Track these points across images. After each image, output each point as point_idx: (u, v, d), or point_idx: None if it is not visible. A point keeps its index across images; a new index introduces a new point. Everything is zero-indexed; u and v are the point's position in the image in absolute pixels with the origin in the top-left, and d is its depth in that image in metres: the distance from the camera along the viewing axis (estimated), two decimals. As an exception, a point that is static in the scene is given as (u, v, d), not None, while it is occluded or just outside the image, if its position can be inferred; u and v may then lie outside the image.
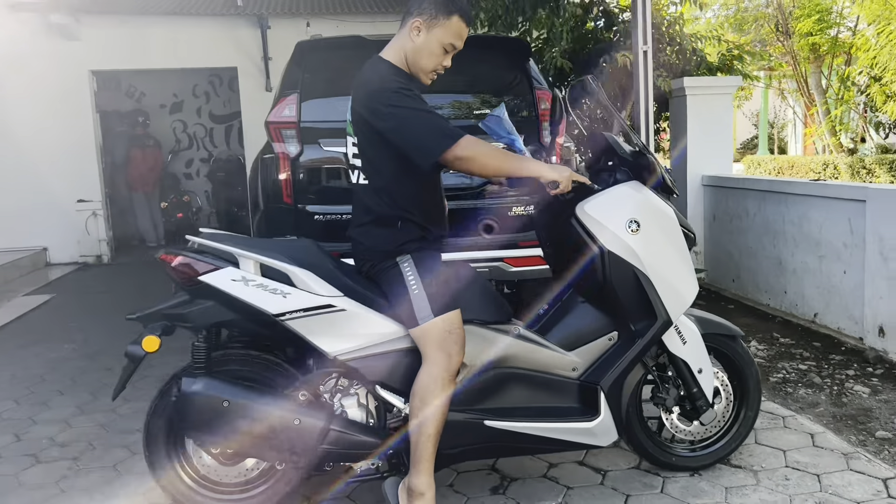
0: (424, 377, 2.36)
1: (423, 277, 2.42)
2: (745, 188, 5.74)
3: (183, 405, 2.37)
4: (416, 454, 2.36)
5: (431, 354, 2.37)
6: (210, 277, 2.39)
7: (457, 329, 2.40)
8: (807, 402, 3.61)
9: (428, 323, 2.37)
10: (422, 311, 2.38)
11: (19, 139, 8.78)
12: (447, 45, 2.44)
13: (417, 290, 2.40)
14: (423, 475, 2.36)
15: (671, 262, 2.63)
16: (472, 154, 2.31)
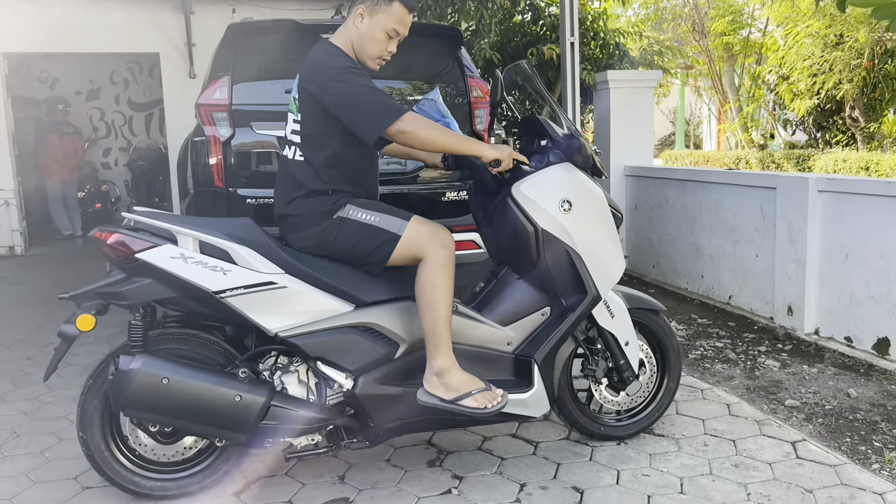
0: (426, 271, 2.47)
1: (371, 206, 2.55)
2: (665, 178, 5.99)
3: (120, 383, 2.35)
4: (435, 339, 2.45)
5: (428, 248, 2.48)
6: (147, 255, 2.37)
7: (433, 224, 2.54)
8: (723, 375, 3.82)
9: (407, 227, 2.49)
10: (394, 226, 2.49)
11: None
12: (390, 31, 2.51)
13: (377, 217, 2.51)
14: (444, 355, 2.47)
15: (601, 240, 2.75)
16: (414, 128, 2.39)
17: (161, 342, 2.52)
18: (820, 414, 3.30)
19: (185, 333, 2.57)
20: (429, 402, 2.48)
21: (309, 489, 2.67)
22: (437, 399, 2.47)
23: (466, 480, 2.71)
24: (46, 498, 2.65)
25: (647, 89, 6.58)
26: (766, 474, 2.70)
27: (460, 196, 4.28)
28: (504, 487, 2.65)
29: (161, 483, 2.57)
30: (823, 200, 4.21)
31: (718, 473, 2.71)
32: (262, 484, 2.72)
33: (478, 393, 2.48)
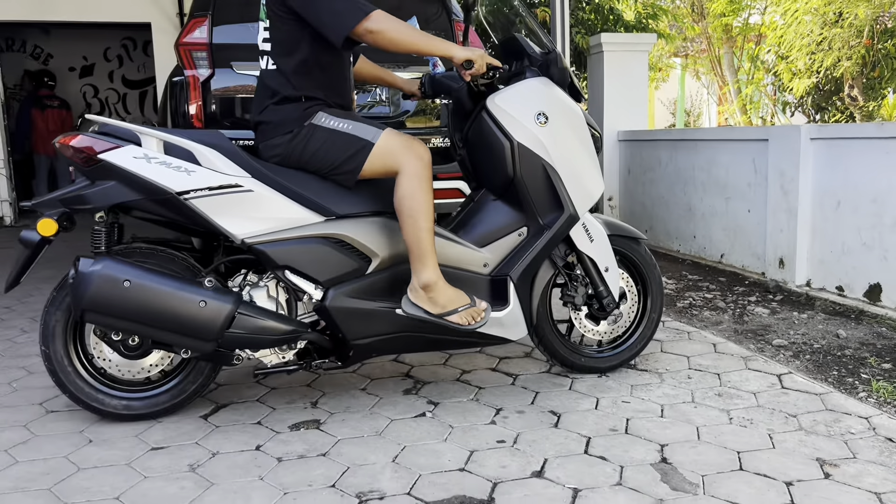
0: (404, 182, 2.39)
1: (344, 115, 2.48)
2: (658, 139, 5.90)
3: (80, 285, 2.27)
4: (419, 251, 2.39)
5: (403, 159, 2.40)
6: (110, 155, 2.29)
7: (405, 135, 2.47)
8: (710, 321, 3.75)
9: (381, 137, 2.42)
10: (368, 133, 2.43)
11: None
12: None
13: (350, 126, 2.44)
14: (430, 268, 2.41)
15: (578, 157, 2.68)
16: (383, 28, 2.30)
17: (127, 255, 2.44)
18: (808, 352, 3.23)
19: (151, 248, 2.50)
20: (414, 313, 2.43)
21: (280, 412, 2.59)
22: (422, 311, 2.43)
23: (442, 405, 2.64)
24: (8, 419, 2.57)
25: (642, 53, 6.49)
26: (749, 402, 2.62)
27: (445, 143, 4.20)
28: (480, 412, 2.58)
29: (126, 402, 2.49)
30: (816, 148, 4.13)
31: (701, 401, 2.64)
32: (232, 408, 2.64)
33: (464, 309, 2.46)
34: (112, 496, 2.02)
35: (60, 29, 11.60)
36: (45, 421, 2.55)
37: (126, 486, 2.07)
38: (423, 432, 2.41)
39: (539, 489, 2.02)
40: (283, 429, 2.46)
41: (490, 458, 2.22)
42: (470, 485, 2.05)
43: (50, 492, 2.05)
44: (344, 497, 1.99)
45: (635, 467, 2.14)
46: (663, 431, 2.38)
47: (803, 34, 10.49)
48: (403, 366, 3.08)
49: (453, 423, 2.48)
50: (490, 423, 2.47)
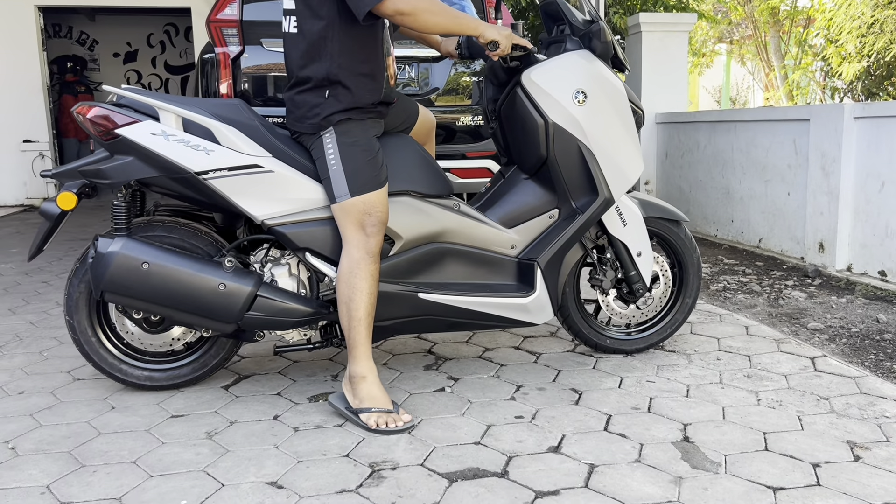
0: (345, 261, 2.28)
1: (343, 154, 2.30)
2: (697, 121, 5.76)
3: (98, 266, 2.27)
4: (350, 341, 2.29)
5: (349, 235, 2.28)
6: (128, 130, 2.27)
7: (376, 209, 2.29)
8: (744, 304, 3.65)
9: (345, 201, 2.27)
10: (339, 189, 2.28)
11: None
12: None
13: (336, 168, 2.29)
14: (361, 360, 2.29)
15: (617, 138, 2.59)
16: (413, 8, 2.18)
17: (148, 229, 2.44)
18: (844, 335, 3.12)
19: (174, 222, 2.50)
20: (339, 404, 2.31)
21: (300, 385, 2.59)
22: (344, 402, 2.31)
23: (462, 381, 2.61)
24: (36, 385, 2.62)
25: (681, 33, 6.34)
26: (780, 384, 2.54)
27: (475, 122, 4.15)
28: (500, 388, 2.54)
29: (148, 373, 2.52)
30: (860, 128, 3.98)
31: (729, 382, 2.56)
32: (254, 379, 2.65)
33: (378, 412, 2.22)
34: (129, 460, 2.04)
35: (105, 15, 11.83)
36: (70, 388, 2.59)
37: (144, 451, 2.09)
38: (441, 406, 2.39)
39: (555, 464, 1.98)
40: (301, 400, 2.46)
41: (507, 432, 2.18)
42: (484, 458, 2.02)
43: (70, 454, 2.08)
44: (357, 466, 1.98)
45: (655, 445, 2.09)
46: (687, 411, 2.32)
47: (854, 16, 10.15)
48: (426, 342, 3.05)
49: (472, 399, 2.45)
50: (509, 399, 2.44)
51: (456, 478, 1.91)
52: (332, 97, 2.32)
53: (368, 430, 2.20)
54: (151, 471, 1.97)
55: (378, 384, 2.29)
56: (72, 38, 12.06)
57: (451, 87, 4.21)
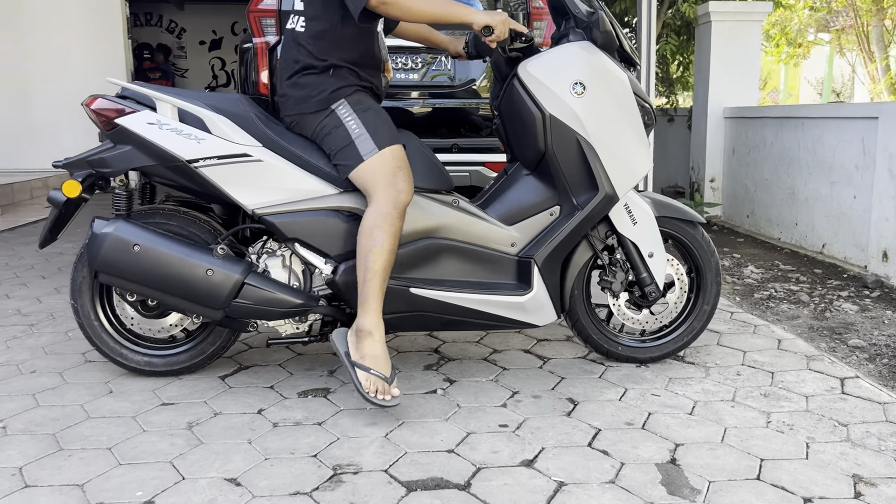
0: (371, 215, 2.26)
1: (363, 117, 2.33)
2: (764, 116, 5.45)
3: (93, 245, 2.34)
4: (363, 293, 2.27)
5: (379, 189, 2.27)
6: (126, 120, 2.33)
7: (404, 164, 2.31)
8: (786, 315, 3.41)
9: (374, 157, 2.28)
10: (366, 147, 2.30)
11: (49, 60, 8.91)
12: None
13: (359, 129, 2.32)
14: (371, 314, 2.27)
15: (619, 131, 2.46)
16: None
17: (149, 216, 2.49)
18: (887, 355, 2.87)
19: (175, 210, 2.53)
20: (339, 346, 2.28)
21: (295, 378, 2.58)
22: (345, 348, 2.28)
23: (458, 384, 2.54)
24: (49, 365, 2.71)
25: (755, 23, 6.00)
26: (797, 405, 2.35)
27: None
28: (494, 393, 2.46)
29: (148, 358, 2.56)
30: (931, 128, 3.65)
31: (741, 401, 2.39)
32: (253, 370, 2.66)
33: (375, 375, 2.21)
34: (106, 446, 2.07)
35: (193, 4, 12.24)
36: (79, 370, 2.67)
37: (122, 438, 2.12)
38: (429, 409, 2.32)
39: (522, 479, 1.89)
40: (291, 395, 2.44)
41: (485, 441, 2.10)
42: (453, 467, 1.95)
43: (53, 437, 2.13)
44: (320, 467, 1.95)
45: (637, 466, 1.96)
46: (684, 430, 2.18)
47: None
48: (434, 341, 2.99)
49: (462, 403, 2.38)
50: (500, 406, 2.35)
51: (415, 487, 1.85)
52: (337, 76, 2.37)
53: (360, 393, 2.20)
54: (122, 459, 2.00)
55: (382, 344, 2.27)
56: (161, 27, 12.56)
57: (487, 79, 4.10)
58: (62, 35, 8.90)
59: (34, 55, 8.90)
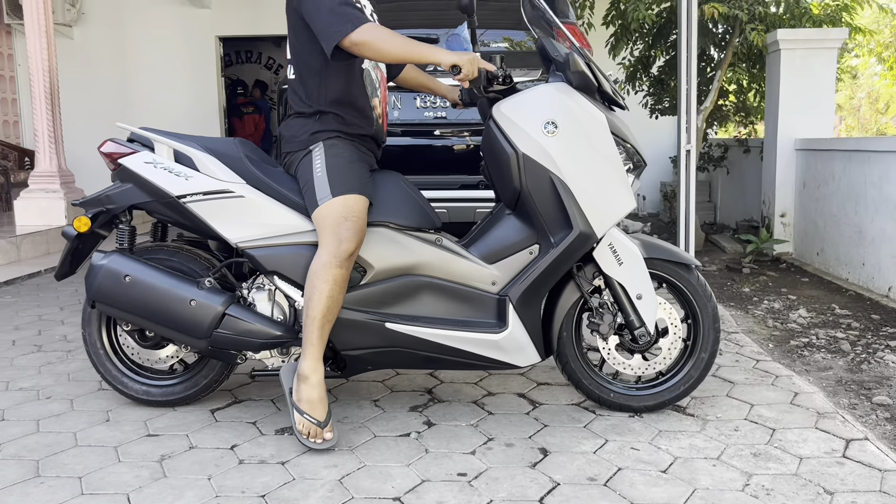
0: (315, 261, 2.34)
1: (329, 162, 2.41)
2: (833, 149, 5.13)
3: (90, 276, 2.51)
4: (304, 338, 2.35)
5: (324, 238, 2.34)
6: (127, 160, 2.51)
7: (354, 215, 2.34)
8: (818, 365, 3.18)
9: (325, 203, 2.35)
10: (322, 192, 2.37)
11: (150, 98, 9.56)
12: None
13: (321, 174, 2.40)
14: (308, 359, 2.34)
15: (595, 169, 2.41)
16: (368, 39, 2.27)
17: (154, 252, 2.64)
18: (913, 416, 2.62)
19: (179, 247, 2.67)
20: (285, 383, 2.39)
21: (280, 415, 2.64)
22: (290, 384, 2.37)
23: (435, 428, 2.52)
24: (64, 391, 2.89)
25: (828, 50, 5.70)
26: (786, 468, 2.18)
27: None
28: (469, 439, 2.42)
29: (146, 388, 2.69)
30: None
31: (727, 459, 2.25)
32: (245, 404, 2.74)
33: (307, 419, 2.30)
34: (78, 475, 2.18)
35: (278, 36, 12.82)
36: (89, 398, 2.83)
37: (96, 468, 2.23)
38: (394, 453, 2.32)
39: (454, 533, 1.85)
40: (269, 431, 2.50)
41: (434, 490, 2.07)
42: (391, 516, 1.93)
43: (36, 463, 2.27)
44: (263, 509, 1.98)
45: (579, 526, 1.88)
46: (648, 489, 2.07)
47: None
48: (432, 381, 2.98)
49: (431, 448, 2.35)
50: (468, 453, 2.31)
51: (344, 534, 1.85)
52: (322, 121, 2.48)
53: (296, 433, 2.32)
54: (87, 489, 2.10)
55: (318, 388, 2.33)
56: (260, 63, 13.20)
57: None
58: (162, 74, 9.54)
59: (136, 93, 9.58)
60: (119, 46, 9.57)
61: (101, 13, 9.52)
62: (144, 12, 9.47)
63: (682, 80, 4.14)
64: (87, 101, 9.48)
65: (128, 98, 9.60)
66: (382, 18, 4.12)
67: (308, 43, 2.43)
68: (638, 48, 7.00)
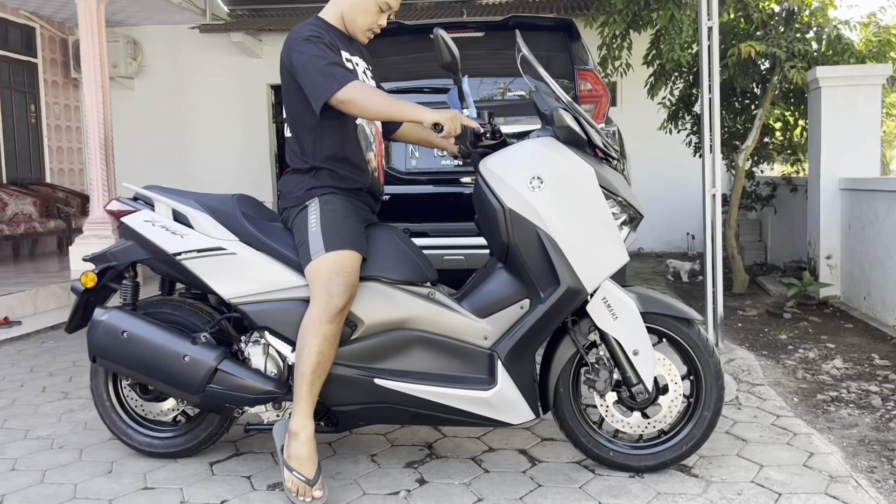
0: (306, 317, 2.37)
1: (324, 218, 2.45)
2: (876, 189, 4.93)
3: (91, 332, 2.59)
4: (295, 394, 2.37)
5: (315, 293, 2.36)
6: (128, 219, 2.61)
7: (345, 271, 2.36)
8: (842, 422, 3.01)
9: (318, 258, 2.37)
10: (315, 247, 2.40)
11: (205, 144, 9.91)
12: (382, 5, 2.52)
13: (315, 229, 2.43)
14: (298, 415, 2.36)
15: (583, 223, 2.38)
16: (353, 97, 2.32)
17: (158, 306, 2.71)
18: (936, 481, 2.45)
19: (182, 301, 2.73)
20: (277, 441, 2.42)
21: (277, 469, 2.64)
22: (282, 441, 2.39)
23: (427, 486, 2.48)
24: (78, 442, 2.96)
25: (872, 87, 5.51)
26: (786, 538, 2.07)
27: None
28: (458, 499, 2.37)
29: (149, 440, 2.74)
30: None
31: (723, 527, 2.14)
32: (244, 457, 2.76)
33: (296, 476, 2.31)
34: (68, 528, 2.23)
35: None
36: (98, 448, 2.90)
37: (86, 521, 2.27)
38: (379, 512, 2.29)
39: None
40: (261, 486, 2.51)
41: (410, 554, 2.03)
42: (360, 581, 1.90)
43: (32, 515, 2.33)
44: (235, 570, 1.98)
45: None
46: (631, 558, 1.98)
47: None
48: (434, 434, 2.95)
49: (417, 508, 2.32)
50: (454, 514, 2.27)
51: None
52: (317, 178, 2.53)
53: (285, 490, 2.33)
54: (73, 543, 2.14)
55: (308, 445, 2.34)
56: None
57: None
58: (216, 121, 9.90)
59: (192, 140, 9.95)
60: (176, 96, 9.98)
61: (160, 65, 9.97)
62: (199, 63, 9.88)
63: (705, 123, 4.05)
64: (147, 148, 9.91)
65: (184, 144, 9.98)
66: (395, 70, 4.20)
67: (301, 101, 2.49)
68: (678, 87, 6.90)
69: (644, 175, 9.06)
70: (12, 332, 5.09)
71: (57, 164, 9.77)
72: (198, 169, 9.83)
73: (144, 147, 9.91)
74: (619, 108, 9.39)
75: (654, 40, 6.78)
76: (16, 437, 3.04)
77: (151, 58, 10.01)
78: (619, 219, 2.45)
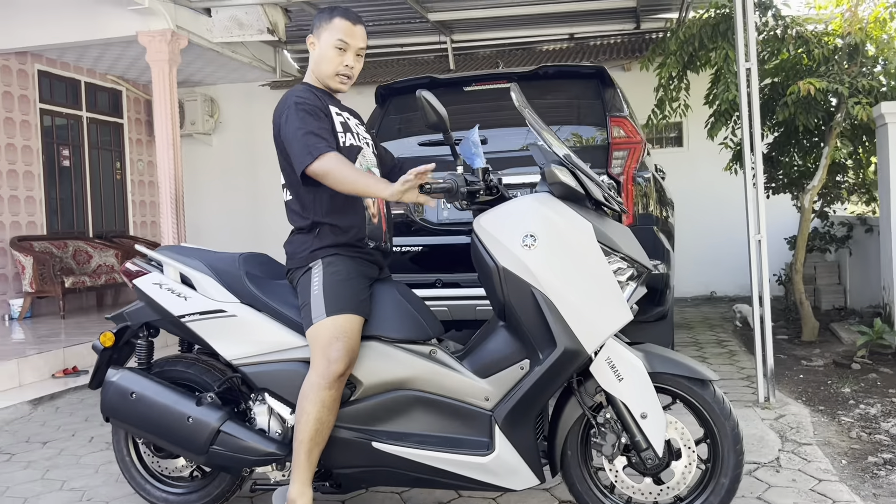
0: (304, 382, 2.36)
1: (326, 280, 2.44)
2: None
3: (103, 392, 2.67)
4: (293, 460, 2.36)
5: (315, 358, 2.36)
6: (138, 281, 2.68)
7: (346, 335, 2.35)
8: (891, 489, 2.76)
9: (319, 322, 2.37)
10: (317, 311, 2.40)
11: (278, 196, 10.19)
12: (337, 43, 2.52)
13: (318, 292, 2.43)
14: (296, 483, 2.34)
15: (581, 281, 2.28)
16: (325, 171, 2.35)
17: (172, 363, 2.77)
18: None
19: (196, 358, 2.79)
20: None
21: (284, 527, 2.63)
22: None
23: (428, 549, 2.42)
24: (106, 494, 3.05)
25: (943, 121, 5.16)
26: None
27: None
28: (456, 565, 2.30)
29: (166, 495, 2.79)
30: None
31: None
32: (256, 515, 2.77)
33: None
34: (72, 585, 2.28)
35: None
36: (124, 501, 2.97)
37: (91, 578, 2.32)
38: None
39: None
40: (265, 546, 2.50)
41: None
42: None
43: (42, 570, 2.39)
44: None
45: None
46: None
47: None
48: (449, 494, 2.87)
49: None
50: (448, 582, 2.19)
51: None
52: (320, 237, 2.53)
53: None
54: None
55: None
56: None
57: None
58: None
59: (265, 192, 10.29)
60: (251, 150, 10.37)
61: (236, 121, 10.41)
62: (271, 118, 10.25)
63: (748, 164, 3.90)
64: (223, 201, 10.31)
65: (256, 197, 10.32)
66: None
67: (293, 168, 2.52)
68: (739, 127, 6.68)
69: (715, 214, 8.77)
70: (79, 380, 5.34)
71: (140, 216, 10.29)
72: (268, 220, 10.14)
73: (221, 199, 10.32)
74: (685, 148, 9.18)
75: (714, 80, 6.61)
76: (52, 488, 3.16)
77: (227, 114, 10.48)
78: (624, 274, 2.36)
